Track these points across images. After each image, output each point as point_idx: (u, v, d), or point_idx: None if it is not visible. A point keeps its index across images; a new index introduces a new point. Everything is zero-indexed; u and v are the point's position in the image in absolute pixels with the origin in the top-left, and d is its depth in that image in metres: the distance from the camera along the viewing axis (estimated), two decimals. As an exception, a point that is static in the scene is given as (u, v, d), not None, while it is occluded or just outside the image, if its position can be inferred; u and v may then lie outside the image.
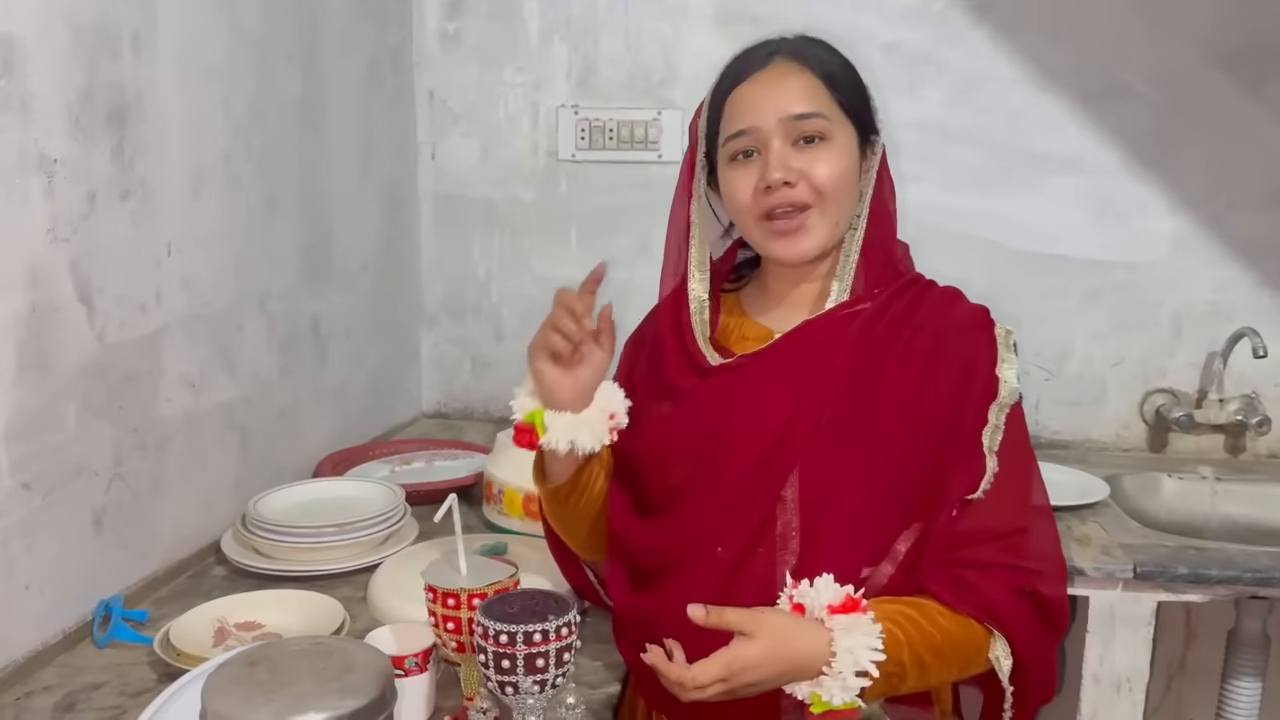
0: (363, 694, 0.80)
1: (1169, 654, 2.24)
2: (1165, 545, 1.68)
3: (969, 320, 1.18)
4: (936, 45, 2.14)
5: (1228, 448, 2.20)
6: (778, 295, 1.24)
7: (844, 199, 1.16)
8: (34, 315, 1.20)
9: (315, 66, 1.84)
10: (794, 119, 1.12)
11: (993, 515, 1.09)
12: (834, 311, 1.17)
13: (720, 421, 1.15)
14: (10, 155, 1.16)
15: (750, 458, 1.11)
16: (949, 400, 1.12)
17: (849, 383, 1.12)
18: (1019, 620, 1.08)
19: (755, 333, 1.23)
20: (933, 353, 1.14)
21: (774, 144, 1.13)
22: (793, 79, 1.14)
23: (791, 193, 1.13)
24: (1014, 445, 1.12)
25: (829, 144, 1.14)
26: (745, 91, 1.15)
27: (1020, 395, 1.15)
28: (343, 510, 1.55)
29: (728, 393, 1.16)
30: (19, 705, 1.15)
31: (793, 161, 1.12)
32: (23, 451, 1.19)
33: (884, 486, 1.09)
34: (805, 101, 1.13)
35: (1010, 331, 1.18)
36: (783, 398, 1.12)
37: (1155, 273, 2.15)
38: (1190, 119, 2.09)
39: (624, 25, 2.22)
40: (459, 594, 1.04)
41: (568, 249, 2.32)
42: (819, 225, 1.15)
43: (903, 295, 1.18)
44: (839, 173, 1.14)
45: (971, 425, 1.11)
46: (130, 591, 1.39)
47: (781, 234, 1.15)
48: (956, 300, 1.21)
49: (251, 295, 1.67)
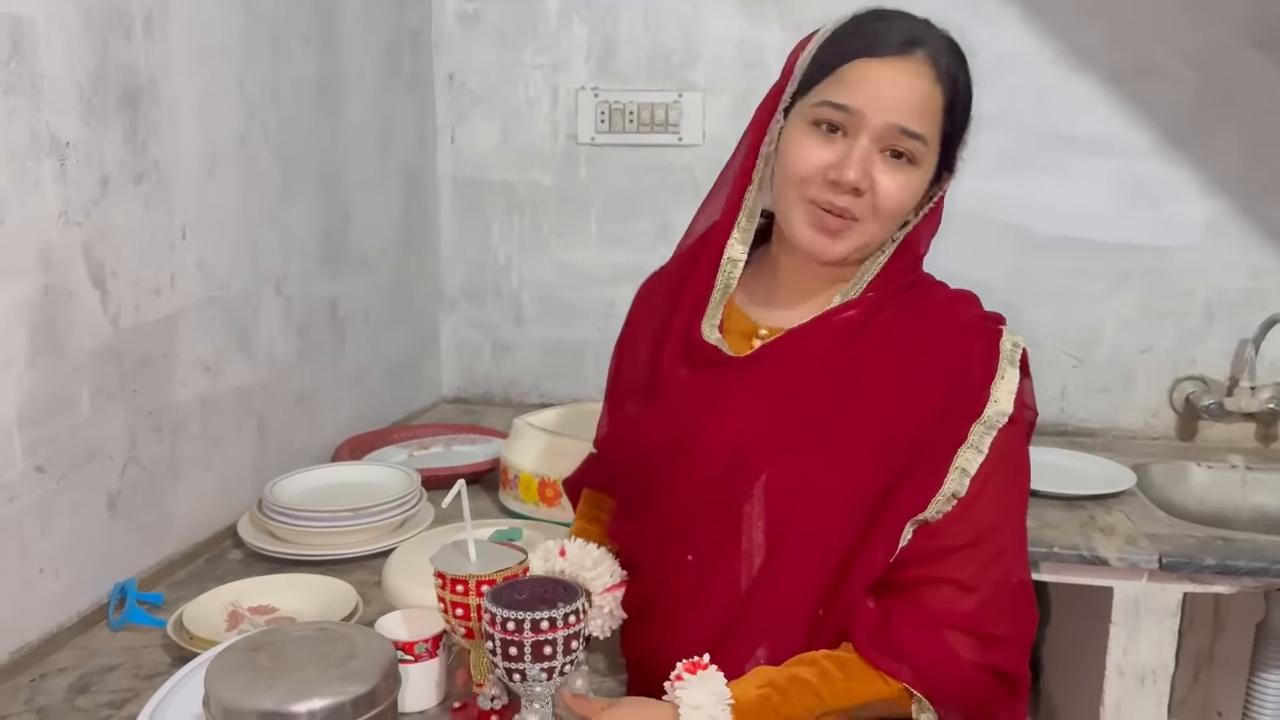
0: (365, 680, 0.80)
1: (1197, 645, 2.20)
2: (1192, 536, 1.65)
3: (969, 329, 1.09)
4: (967, 23, 2.06)
5: (1259, 436, 2.15)
6: (781, 286, 1.15)
7: (894, 225, 1.08)
8: (46, 299, 1.20)
9: (332, 48, 1.83)
10: (899, 130, 1.02)
11: (944, 545, 1.02)
12: (821, 318, 1.09)
13: (695, 419, 1.09)
14: (21, 138, 1.16)
15: (716, 465, 1.06)
16: (930, 414, 1.04)
17: (824, 395, 1.06)
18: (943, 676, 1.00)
19: (740, 325, 1.15)
20: (917, 364, 1.06)
21: (864, 140, 1.02)
22: (921, 84, 1.02)
23: (855, 201, 1.04)
24: (997, 473, 1.03)
25: (913, 169, 1.04)
26: (870, 69, 1.02)
27: (1014, 420, 1.04)
28: (359, 495, 1.55)
29: (705, 391, 1.10)
30: (33, 687, 1.15)
31: (872, 168, 1.03)
32: (36, 435, 1.20)
33: (853, 503, 1.03)
34: (921, 119, 1.02)
35: (1019, 345, 1.08)
36: (751, 403, 1.07)
37: (1187, 258, 2.11)
38: (1225, 100, 2.04)
39: (644, 6, 2.19)
40: (467, 580, 1.03)
41: (587, 233, 2.30)
42: (858, 238, 1.06)
43: (893, 302, 1.10)
44: (905, 201, 1.05)
45: (945, 441, 1.03)
46: (146, 575, 1.39)
47: (822, 229, 1.05)
48: (964, 305, 1.12)
49: (268, 278, 1.66)
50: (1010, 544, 1.05)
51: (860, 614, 1.03)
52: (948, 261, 1.19)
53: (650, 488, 1.13)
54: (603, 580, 1.11)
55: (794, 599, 1.04)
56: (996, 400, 1.04)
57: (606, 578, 1.11)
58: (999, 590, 1.03)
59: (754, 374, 1.08)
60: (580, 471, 1.32)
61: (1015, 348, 1.08)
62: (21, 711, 1.11)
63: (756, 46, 2.15)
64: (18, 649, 1.19)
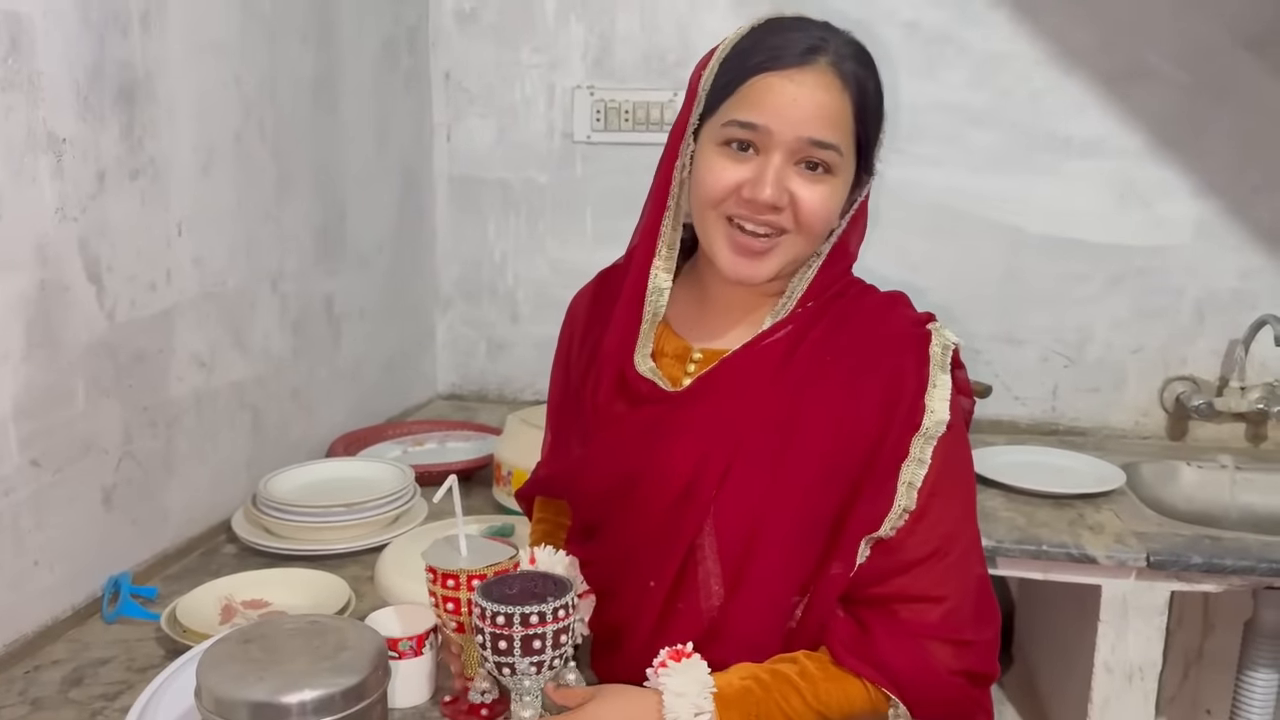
0: (355, 673, 0.81)
1: (1186, 643, 2.21)
2: (1180, 534, 1.66)
3: (899, 338, 1.06)
4: (957, 25, 2.11)
5: (1248, 436, 2.17)
6: (711, 304, 1.12)
7: (817, 235, 1.05)
8: (43, 293, 1.21)
9: (329, 45, 1.84)
10: (811, 143, 0.99)
11: (906, 560, 1.02)
12: (753, 343, 1.07)
13: (634, 463, 1.07)
14: (18, 134, 1.16)
15: (663, 505, 1.05)
16: (870, 430, 1.02)
17: (764, 422, 1.03)
18: (922, 684, 1.00)
19: (674, 347, 1.12)
20: (852, 381, 1.03)
21: (776, 157, 1.00)
22: (828, 96, 1.00)
23: (775, 217, 1.01)
24: (942, 480, 1.02)
25: (830, 178, 1.02)
26: (775, 84, 0.99)
27: (951, 426, 1.03)
28: (353, 490, 1.56)
29: (642, 433, 1.07)
30: (27, 679, 1.16)
31: (790, 183, 1.01)
32: (31, 428, 1.20)
33: (803, 525, 1.02)
34: (831, 129, 1.00)
35: (949, 347, 1.05)
36: (692, 441, 1.04)
37: (1178, 258, 2.12)
38: (1215, 101, 2.05)
39: (640, 5, 2.20)
40: (458, 575, 1.04)
41: (583, 231, 2.31)
42: (784, 255, 1.04)
43: (824, 315, 1.07)
44: (826, 211, 1.03)
45: (889, 457, 1.02)
46: (141, 568, 1.40)
47: (744, 250, 1.03)
48: (892, 311, 1.09)
49: (264, 275, 1.67)
50: (967, 547, 1.05)
51: (834, 625, 1.03)
52: (941, 261, 1.21)
53: (602, 520, 1.12)
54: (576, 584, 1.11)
55: (759, 622, 1.04)
56: (933, 411, 1.03)
57: (579, 584, 1.11)
58: (964, 595, 1.03)
59: (693, 408, 1.06)
60: (531, 484, 1.28)
61: (945, 351, 1.06)
62: (16, 703, 1.12)
63: (751, 46, 2.16)
64: (12, 641, 1.20)
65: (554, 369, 1.24)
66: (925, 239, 2.13)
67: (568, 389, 1.19)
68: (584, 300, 1.22)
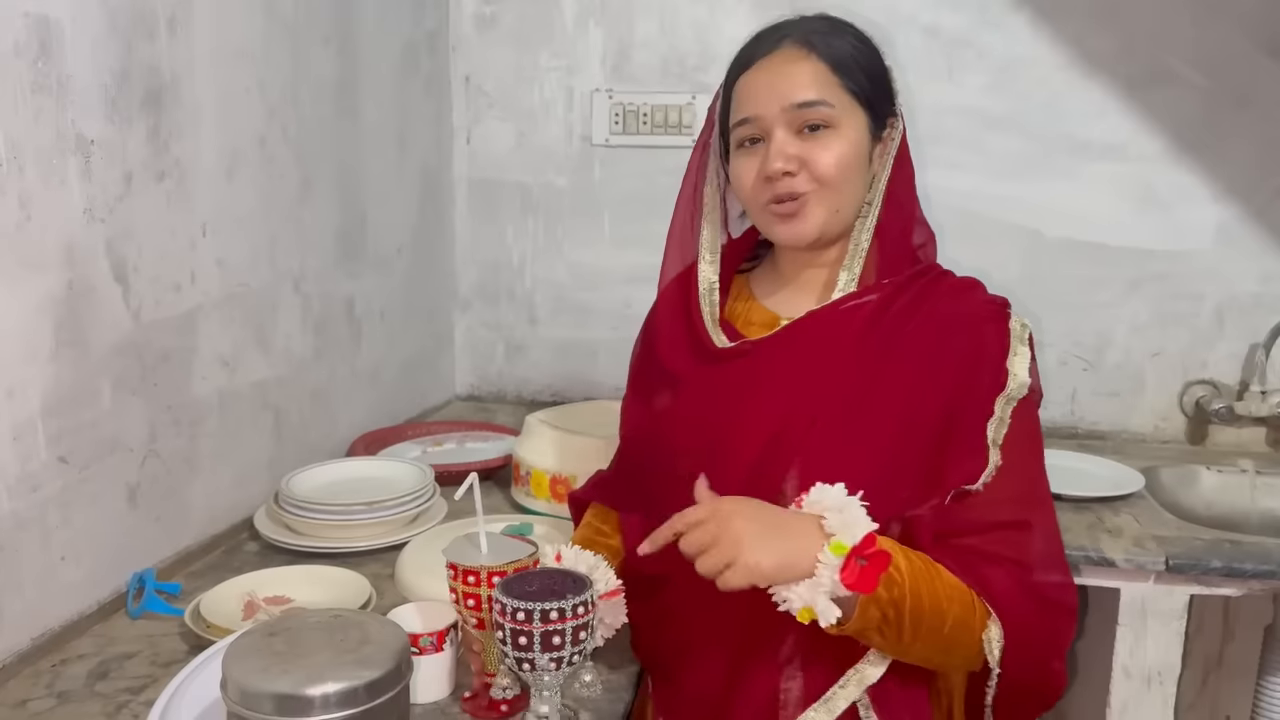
0: (378, 666, 0.82)
1: (1206, 649, 2.20)
2: (1200, 538, 1.66)
3: (981, 312, 1.16)
4: (977, 29, 2.11)
5: (1269, 441, 2.16)
6: (787, 278, 1.23)
7: (847, 186, 1.14)
8: (71, 293, 1.23)
9: (351, 49, 1.85)
10: (796, 108, 1.11)
11: (995, 509, 1.07)
12: (839, 303, 1.15)
13: (722, 412, 1.14)
14: (48, 136, 1.18)
15: (752, 451, 1.11)
16: (951, 393, 1.10)
17: (850, 377, 1.11)
18: (1017, 609, 1.05)
19: (762, 317, 1.22)
20: (937, 346, 1.12)
21: (777, 133, 1.12)
22: (797, 65, 1.12)
23: (792, 182, 1.12)
24: (1020, 439, 1.10)
25: (833, 132, 1.12)
26: (751, 78, 1.14)
27: (1031, 390, 1.12)
28: (373, 489, 1.58)
29: (730, 382, 1.15)
30: (54, 672, 1.18)
31: (792, 149, 1.12)
32: (59, 426, 1.22)
33: (882, 479, 1.06)
34: (809, 89, 1.11)
35: (1026, 325, 1.15)
36: (783, 390, 1.12)
37: (1198, 263, 2.12)
38: (1236, 106, 2.04)
39: (659, 8, 2.22)
40: (479, 571, 1.05)
41: (601, 234, 2.32)
42: (817, 210, 1.14)
43: (910, 287, 1.16)
44: (842, 161, 1.12)
45: (975, 417, 1.09)
46: (164, 565, 1.42)
47: (781, 217, 1.15)
48: (971, 291, 1.19)
49: (286, 276, 1.69)
50: (1044, 497, 1.13)
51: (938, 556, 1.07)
52: (959, 264, 1.22)
53: (681, 481, 1.14)
54: (598, 587, 1.12)
55: None
56: (1015, 374, 1.11)
57: (601, 585, 1.13)
58: (1047, 538, 1.10)
59: (779, 358, 1.14)
60: (588, 487, 1.34)
61: (1024, 328, 1.15)
62: (43, 695, 1.13)
63: (770, 50, 2.17)
64: (39, 635, 1.21)
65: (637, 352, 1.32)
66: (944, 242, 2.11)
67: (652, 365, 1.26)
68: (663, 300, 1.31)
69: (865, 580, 0.96)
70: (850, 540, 0.96)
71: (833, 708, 1.07)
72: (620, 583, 1.16)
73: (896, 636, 1.01)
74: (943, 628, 1.02)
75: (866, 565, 0.96)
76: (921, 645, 1.03)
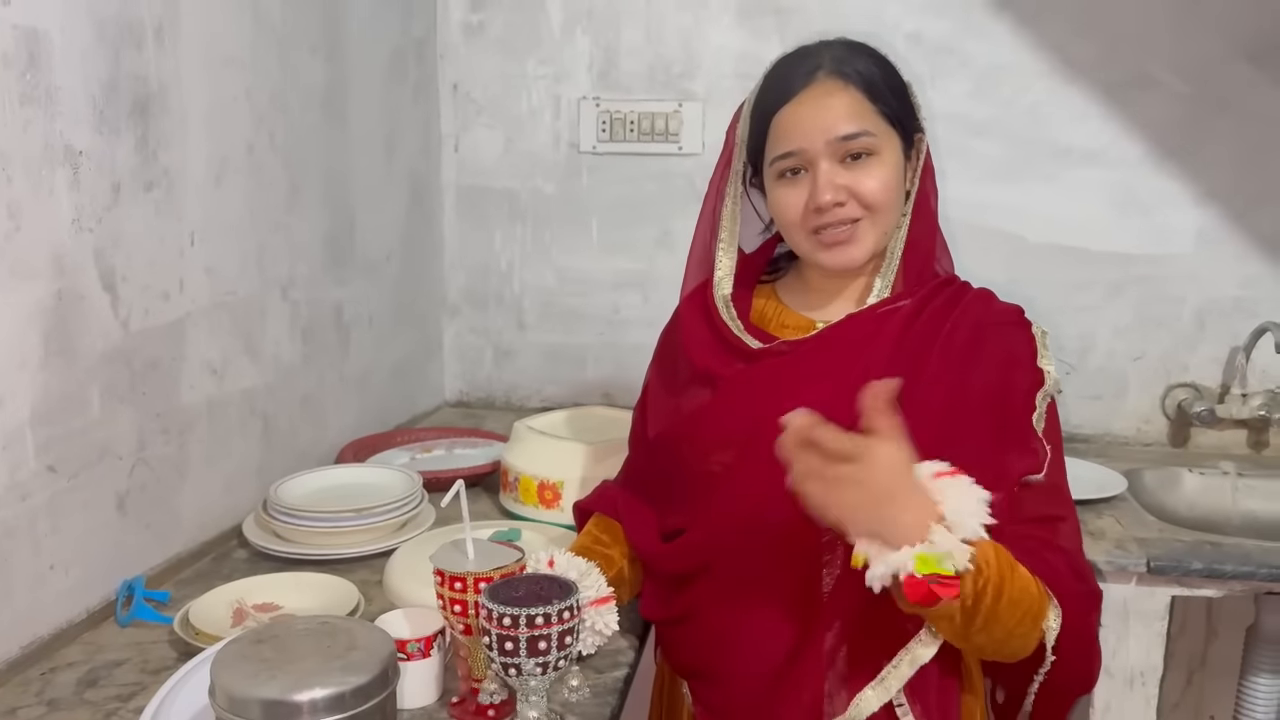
0: (365, 671, 0.83)
1: (1190, 649, 2.23)
2: (1181, 540, 1.68)
3: (1006, 318, 1.22)
4: (960, 36, 2.13)
5: (1250, 443, 2.18)
6: (819, 290, 1.27)
7: (892, 206, 1.19)
8: (59, 303, 1.24)
9: (339, 57, 1.87)
10: (840, 140, 1.14)
11: (1047, 500, 1.13)
12: (876, 307, 1.20)
13: (763, 407, 1.13)
14: (36, 147, 1.19)
15: None
16: (987, 393, 1.14)
17: (891, 373, 1.10)
18: (1072, 596, 1.08)
19: (796, 321, 1.26)
20: (971, 348, 1.16)
21: (822, 165, 1.15)
22: (836, 98, 1.15)
23: (842, 211, 1.16)
24: (1054, 435, 1.16)
25: (876, 158, 1.16)
26: (791, 113, 1.16)
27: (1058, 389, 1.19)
28: (362, 496, 1.58)
29: (771, 379, 1.18)
30: (43, 680, 1.18)
31: (841, 179, 1.15)
32: (48, 435, 1.23)
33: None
34: (851, 121, 1.14)
35: (1046, 331, 1.21)
36: (826, 386, 1.14)
37: (1179, 266, 2.14)
38: (1216, 111, 2.07)
39: (645, 17, 2.23)
40: (465, 577, 1.06)
41: (589, 240, 2.34)
42: (869, 234, 1.18)
43: (940, 293, 1.21)
44: (886, 186, 1.16)
45: (1022, 412, 1.14)
46: (153, 572, 1.42)
47: (830, 244, 1.18)
48: (992, 299, 1.25)
49: (274, 283, 1.70)
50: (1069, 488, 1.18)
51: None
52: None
53: (711, 480, 1.18)
54: (589, 593, 1.14)
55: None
56: (1049, 372, 1.18)
57: (593, 591, 1.14)
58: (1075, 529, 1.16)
59: (820, 357, 1.18)
60: (593, 497, 1.37)
61: (1044, 334, 1.21)
62: (32, 704, 1.14)
63: (755, 59, 2.18)
64: (28, 643, 1.22)
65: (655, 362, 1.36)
66: (928, 248, 2.15)
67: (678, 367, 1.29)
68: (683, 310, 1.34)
69: (925, 597, 0.93)
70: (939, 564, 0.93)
71: (888, 686, 1.08)
72: (612, 590, 1.17)
73: (966, 624, 0.99)
74: (1012, 621, 1.01)
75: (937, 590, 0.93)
76: (985, 636, 1.01)
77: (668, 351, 1.34)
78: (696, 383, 1.25)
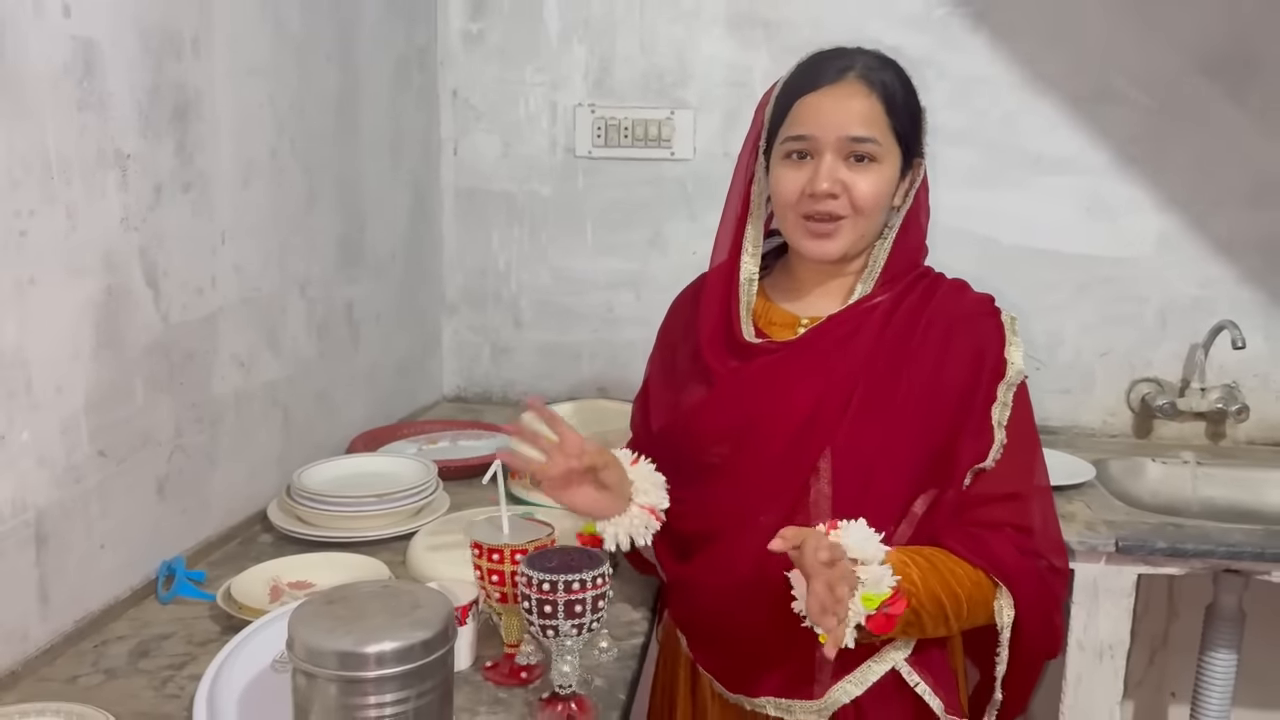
0: (430, 627, 0.91)
1: (1152, 628, 2.35)
2: (1146, 522, 1.80)
3: (977, 309, 1.30)
4: (938, 50, 2.24)
5: (1209, 434, 2.32)
6: (806, 285, 1.34)
7: (877, 215, 1.27)
8: (109, 298, 1.31)
9: (351, 65, 1.95)
10: (850, 140, 1.22)
11: (1001, 482, 1.22)
12: (855, 305, 1.29)
13: (753, 402, 1.26)
14: (91, 151, 1.27)
15: (785, 438, 1.23)
16: (962, 380, 1.24)
17: (873, 367, 1.24)
18: (1022, 575, 1.21)
19: (782, 318, 1.34)
20: (945, 339, 1.25)
21: (827, 156, 1.23)
22: (858, 101, 1.23)
23: (834, 204, 1.24)
24: (1020, 421, 1.25)
25: (876, 165, 1.24)
26: (813, 101, 1.24)
27: (1025, 375, 1.27)
28: (380, 482, 1.67)
29: (762, 378, 1.27)
30: (96, 651, 1.26)
31: (841, 174, 1.23)
32: (99, 421, 1.30)
33: (907, 458, 1.22)
34: (864, 125, 1.22)
35: (1014, 318, 1.30)
36: (813, 382, 1.24)
37: (1142, 268, 2.27)
38: (1176, 122, 2.20)
39: (639, 28, 2.33)
40: (503, 549, 1.15)
41: (583, 241, 2.43)
42: (849, 234, 1.26)
43: (915, 288, 1.30)
44: (878, 193, 1.24)
45: (982, 402, 1.24)
46: (187, 554, 1.50)
47: (815, 234, 1.26)
48: (964, 290, 1.33)
49: (293, 281, 1.78)
50: (1042, 471, 1.29)
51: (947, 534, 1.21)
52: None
53: (710, 469, 1.29)
54: (653, 499, 1.25)
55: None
56: (1013, 362, 1.26)
57: (655, 500, 1.25)
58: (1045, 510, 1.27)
59: (809, 354, 1.26)
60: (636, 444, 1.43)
61: (1013, 320, 1.30)
62: (90, 672, 1.21)
63: (744, 68, 2.30)
64: (81, 618, 1.29)
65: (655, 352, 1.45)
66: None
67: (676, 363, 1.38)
68: (689, 297, 1.42)
69: (887, 625, 1.11)
70: (879, 593, 1.08)
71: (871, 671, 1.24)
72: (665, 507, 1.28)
73: (919, 631, 1.19)
74: (960, 612, 1.18)
75: (890, 612, 1.10)
76: (943, 629, 1.20)
77: (668, 342, 1.43)
78: (695, 378, 1.34)
